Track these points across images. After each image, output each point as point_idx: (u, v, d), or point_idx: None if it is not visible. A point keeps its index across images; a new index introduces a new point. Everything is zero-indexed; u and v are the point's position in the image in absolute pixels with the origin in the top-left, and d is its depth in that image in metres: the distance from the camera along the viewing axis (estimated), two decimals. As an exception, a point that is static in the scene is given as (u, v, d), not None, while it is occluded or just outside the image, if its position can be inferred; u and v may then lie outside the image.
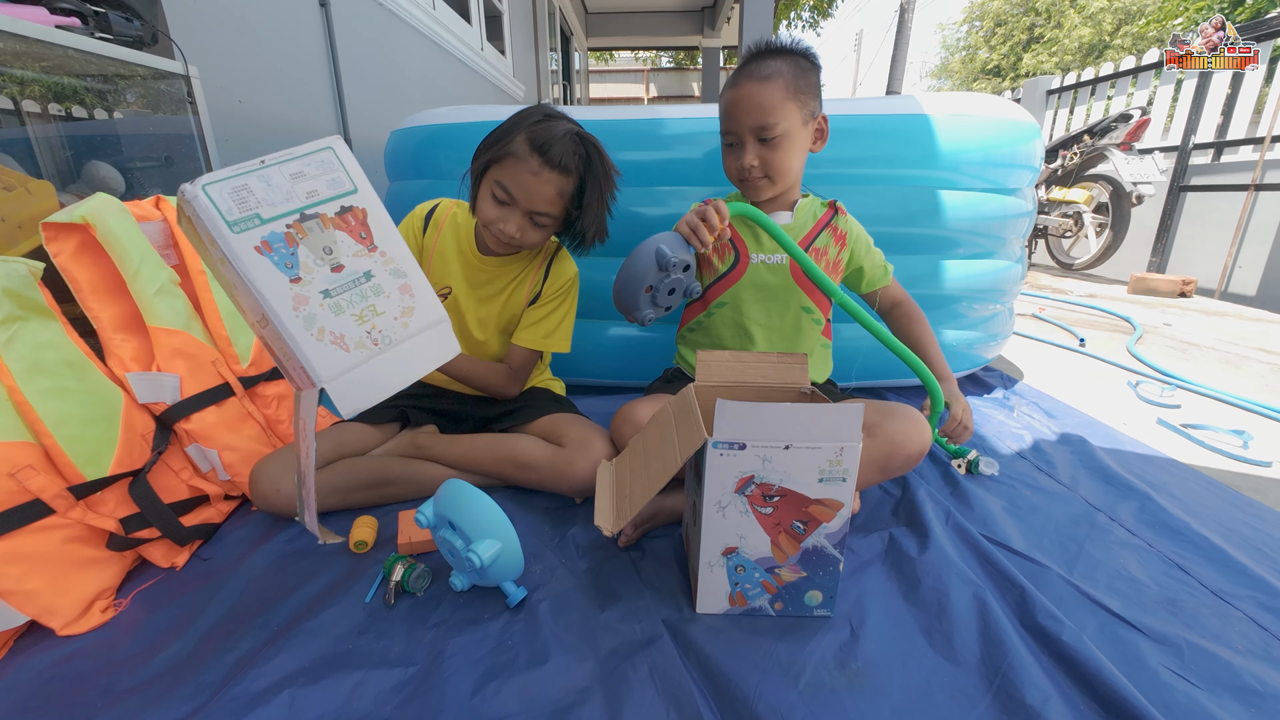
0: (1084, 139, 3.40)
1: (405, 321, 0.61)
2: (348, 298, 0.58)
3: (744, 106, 0.88)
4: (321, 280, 0.57)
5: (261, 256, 0.54)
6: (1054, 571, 0.75)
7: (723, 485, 0.62)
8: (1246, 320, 2.34)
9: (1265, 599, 0.71)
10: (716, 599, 0.67)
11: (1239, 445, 1.17)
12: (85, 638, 0.65)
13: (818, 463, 0.60)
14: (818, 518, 0.63)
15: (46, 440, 0.69)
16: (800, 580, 0.66)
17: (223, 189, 0.53)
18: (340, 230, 0.59)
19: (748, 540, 0.64)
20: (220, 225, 0.52)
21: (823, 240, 1.00)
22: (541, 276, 1.02)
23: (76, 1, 0.87)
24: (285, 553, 0.80)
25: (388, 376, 0.59)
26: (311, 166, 0.59)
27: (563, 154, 0.84)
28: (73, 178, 1.08)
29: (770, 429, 0.59)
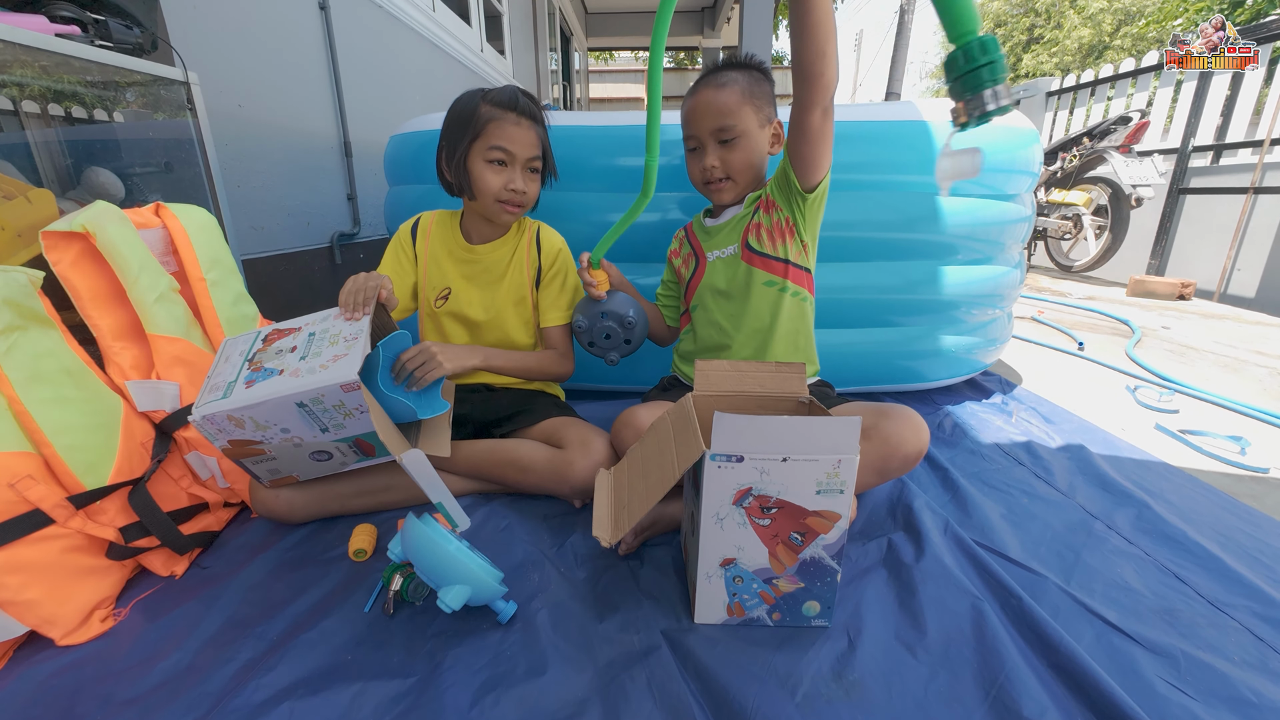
0: (1083, 141, 3.40)
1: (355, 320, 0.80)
2: (315, 349, 0.76)
3: (702, 110, 0.95)
4: (293, 359, 0.75)
5: (253, 387, 0.72)
6: (1051, 581, 0.75)
7: (720, 497, 0.62)
8: (1245, 323, 2.34)
9: (1261, 609, 0.71)
10: (714, 609, 0.67)
11: (1236, 451, 1.18)
12: (85, 647, 0.66)
13: (815, 475, 0.61)
14: (815, 529, 0.63)
15: (46, 449, 0.69)
16: (798, 591, 0.66)
17: (204, 397, 0.74)
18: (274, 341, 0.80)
19: (745, 551, 0.64)
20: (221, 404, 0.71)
21: (760, 216, 0.98)
22: (535, 254, 1.07)
23: (76, 9, 0.87)
24: (284, 560, 0.80)
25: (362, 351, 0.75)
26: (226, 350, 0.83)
27: (528, 105, 0.96)
28: (72, 184, 1.08)
29: (768, 442, 0.59)
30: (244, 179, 1.52)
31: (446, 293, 1.05)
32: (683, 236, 1.13)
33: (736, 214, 1.02)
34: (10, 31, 0.78)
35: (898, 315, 1.36)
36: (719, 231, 1.04)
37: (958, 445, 1.19)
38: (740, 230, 1.00)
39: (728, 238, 1.02)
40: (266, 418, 0.72)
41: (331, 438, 0.77)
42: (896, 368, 1.41)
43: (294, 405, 0.71)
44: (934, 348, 1.39)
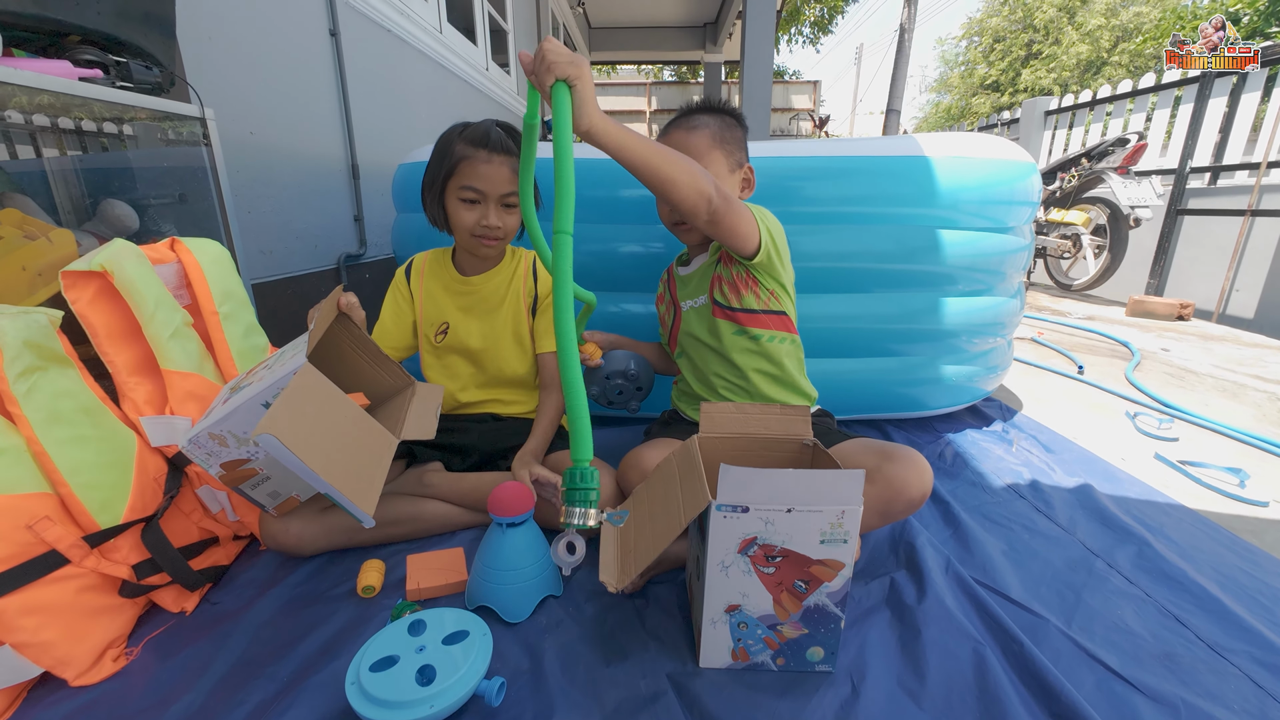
0: (1081, 162, 3.44)
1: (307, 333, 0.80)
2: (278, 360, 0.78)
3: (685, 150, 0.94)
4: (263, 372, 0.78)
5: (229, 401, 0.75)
6: (1052, 624, 0.76)
7: (726, 546, 0.63)
8: (1244, 345, 2.35)
9: (1261, 654, 0.71)
10: (719, 654, 0.68)
11: (1236, 484, 1.19)
12: (97, 688, 0.66)
13: (819, 525, 0.62)
14: (819, 577, 0.64)
15: (63, 489, 0.70)
16: (802, 637, 0.67)
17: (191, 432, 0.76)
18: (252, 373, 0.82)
19: (750, 598, 0.65)
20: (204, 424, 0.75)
21: (720, 268, 0.98)
22: (532, 284, 1.09)
23: (98, 52, 0.90)
24: (294, 596, 0.81)
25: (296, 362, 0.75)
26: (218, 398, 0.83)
27: (500, 139, 0.97)
28: (88, 215, 1.10)
29: (772, 493, 0.61)
30: (254, 204, 1.54)
31: (445, 327, 1.08)
32: (665, 280, 1.15)
33: (703, 263, 1.03)
34: (37, 78, 0.80)
35: (899, 344, 1.38)
36: (690, 281, 1.06)
37: (959, 476, 1.20)
38: (707, 281, 1.01)
39: (698, 288, 1.03)
40: (243, 428, 0.74)
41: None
42: (897, 395, 1.42)
43: (260, 406, 0.72)
44: (935, 376, 1.40)
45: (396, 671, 0.62)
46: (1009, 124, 5.19)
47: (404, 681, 0.60)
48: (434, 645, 0.65)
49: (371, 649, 0.64)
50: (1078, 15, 16.98)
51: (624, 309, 1.39)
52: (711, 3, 7.88)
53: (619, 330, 1.37)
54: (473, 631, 0.67)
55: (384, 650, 0.64)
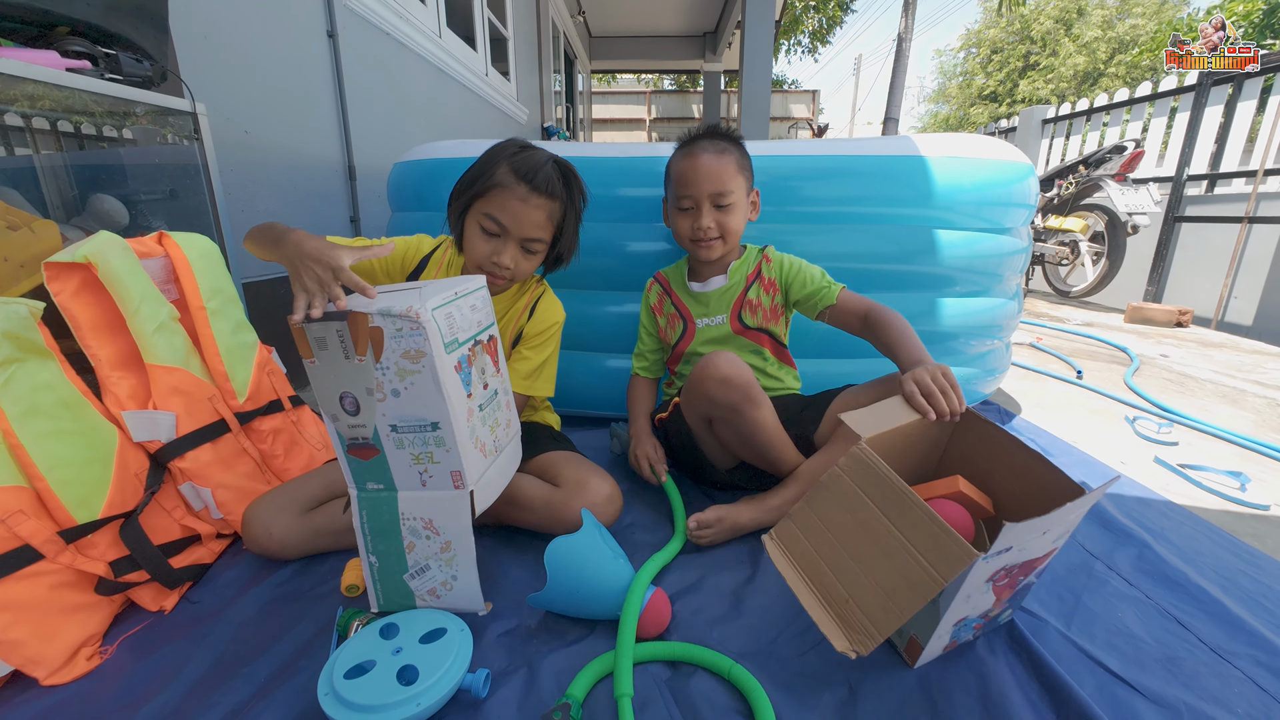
0: (1079, 169, 3.45)
1: (507, 433, 0.72)
2: (488, 412, 0.68)
3: (704, 174, 1.00)
4: (479, 397, 0.67)
5: (455, 374, 0.62)
6: (1051, 626, 0.74)
7: (977, 582, 0.58)
8: (1243, 352, 2.34)
9: (1264, 657, 0.70)
10: (934, 653, 0.67)
11: (1236, 488, 1.17)
12: (69, 687, 0.65)
13: (1055, 535, 0.63)
14: (1035, 565, 0.66)
15: (39, 483, 0.69)
16: (1000, 610, 0.69)
17: (442, 315, 0.61)
18: (487, 354, 0.70)
19: (975, 604, 0.63)
20: (437, 345, 0.59)
21: (754, 292, 1.09)
22: (526, 317, 1.01)
23: (87, 44, 0.89)
24: (275, 596, 0.79)
25: (498, 479, 0.69)
26: (479, 300, 0.70)
27: (549, 179, 0.89)
28: (77, 210, 1.09)
29: (1036, 530, 0.57)
30: (248, 204, 1.53)
31: None
32: (661, 293, 1.17)
33: (722, 285, 1.10)
34: (24, 68, 0.79)
35: (896, 346, 1.37)
36: (707, 300, 1.11)
37: (957, 478, 1.18)
38: (729, 302, 1.10)
39: (716, 307, 1.10)
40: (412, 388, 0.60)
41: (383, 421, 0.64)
42: None
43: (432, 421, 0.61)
44: (932, 378, 1.39)
45: (375, 675, 0.60)
46: (1007, 132, 5.21)
47: (385, 684, 0.58)
48: (411, 646, 0.63)
49: (342, 658, 0.62)
50: (1074, 27, 17.15)
51: (619, 310, 1.38)
52: (711, 12, 7.95)
53: (621, 329, 1.37)
54: (450, 628, 0.66)
55: (357, 657, 0.62)
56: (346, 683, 0.58)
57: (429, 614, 0.69)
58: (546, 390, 1.03)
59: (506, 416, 0.74)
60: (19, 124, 0.99)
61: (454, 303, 0.63)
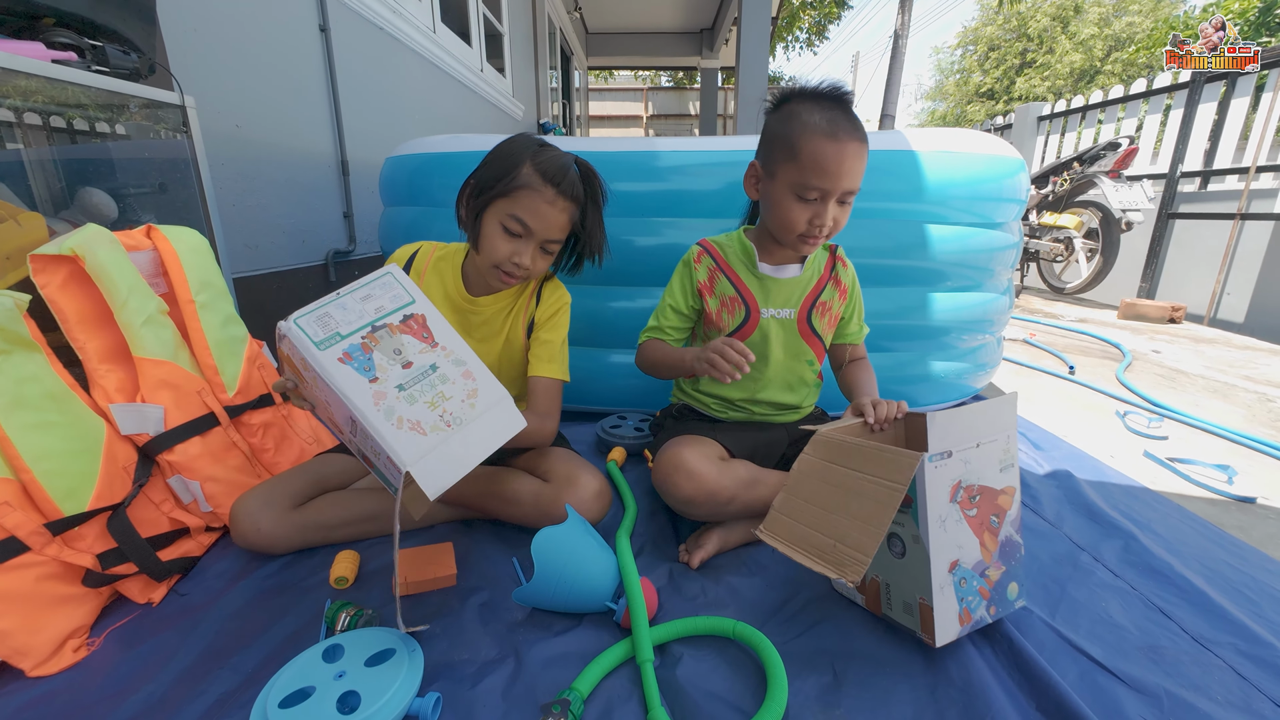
0: (1073, 166, 3.45)
1: (472, 403, 0.68)
2: (419, 388, 0.66)
3: (848, 168, 0.82)
4: (395, 377, 0.65)
5: (344, 365, 0.63)
6: (1036, 615, 0.75)
7: (940, 497, 0.64)
8: (1234, 348, 2.36)
9: (1246, 646, 0.70)
10: (950, 623, 0.65)
11: (1224, 480, 1.18)
12: (55, 679, 0.64)
13: (997, 454, 0.68)
14: (1004, 507, 0.69)
15: (25, 475, 0.69)
16: (1002, 576, 0.69)
17: (310, 319, 0.65)
18: (406, 334, 0.69)
19: (965, 549, 0.66)
20: (310, 347, 0.63)
21: (828, 293, 0.98)
22: (534, 306, 1.00)
23: (73, 36, 0.89)
24: (263, 589, 0.79)
25: (464, 453, 0.65)
26: (376, 289, 0.71)
27: (574, 182, 0.88)
28: (66, 204, 1.09)
29: (965, 433, 0.65)
30: (239, 198, 1.53)
31: None
32: (714, 269, 0.97)
33: (797, 274, 0.96)
34: (8, 59, 0.79)
35: (889, 340, 1.37)
36: (779, 289, 0.96)
37: (947, 472, 1.19)
38: (800, 297, 0.96)
39: (786, 299, 0.96)
40: (324, 390, 0.64)
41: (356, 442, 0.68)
42: (888, 392, 1.37)
43: (349, 414, 0.63)
44: (924, 373, 1.39)
45: (313, 703, 0.56)
46: (1003, 129, 5.22)
47: (323, 713, 0.54)
48: (355, 669, 0.60)
49: (280, 683, 0.58)
50: (1071, 24, 17.16)
51: (614, 304, 1.38)
52: (707, 9, 7.93)
53: (618, 324, 1.37)
54: (399, 649, 0.62)
55: (296, 683, 0.58)
56: (281, 712, 0.54)
57: (378, 634, 0.65)
58: (564, 373, 0.99)
59: (466, 388, 0.69)
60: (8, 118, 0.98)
61: (332, 303, 0.67)
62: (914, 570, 0.66)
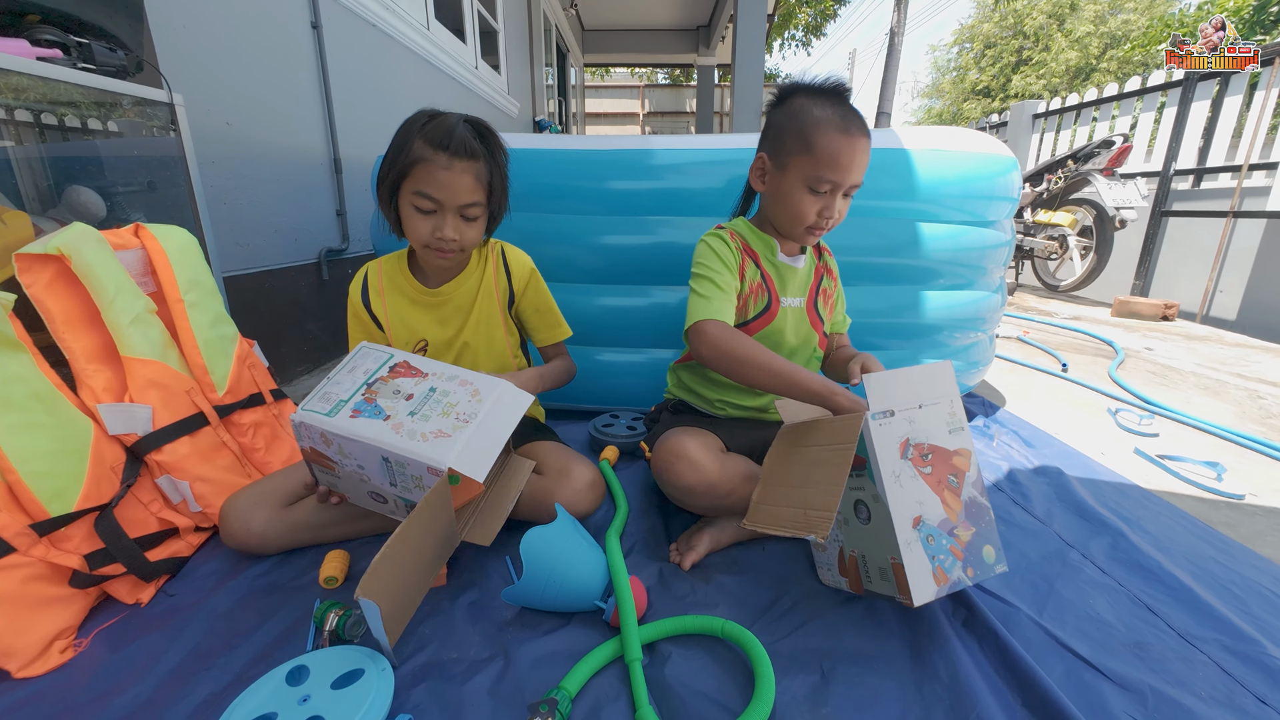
0: (1068, 164, 3.46)
1: (478, 400, 0.77)
2: (428, 409, 0.75)
3: (859, 163, 0.85)
4: (404, 409, 0.75)
5: (357, 419, 0.73)
6: (1024, 613, 0.75)
7: (890, 454, 0.68)
8: (1226, 345, 2.37)
9: (1231, 642, 0.71)
10: (925, 582, 0.66)
11: (1213, 478, 1.19)
12: (42, 680, 0.64)
13: (943, 416, 0.71)
14: (960, 468, 0.71)
15: (10, 475, 0.68)
16: (973, 538, 0.70)
17: (314, 402, 0.75)
18: (397, 378, 0.79)
19: (926, 505, 0.68)
20: (322, 419, 0.72)
21: (826, 281, 1.02)
22: (505, 278, 1.00)
23: (58, 33, 0.88)
24: (252, 589, 0.79)
25: (491, 437, 0.74)
26: (358, 360, 0.81)
27: (465, 140, 0.84)
28: (53, 202, 1.08)
29: (904, 393, 0.70)
30: (230, 196, 1.52)
31: (424, 344, 0.98)
32: (743, 254, 0.95)
33: (807, 264, 1.00)
34: (-10, 56, 0.78)
35: (882, 338, 1.37)
36: (794, 277, 0.97)
37: (938, 470, 1.19)
38: (807, 286, 0.99)
39: (799, 288, 0.98)
40: (352, 451, 0.73)
41: (397, 493, 0.76)
42: None
43: (379, 456, 0.71)
44: (916, 371, 1.39)
45: None
46: (998, 127, 5.23)
47: None
48: (321, 693, 0.58)
49: (238, 710, 0.56)
50: (1067, 22, 17.19)
51: (608, 303, 1.38)
52: (704, 6, 7.91)
53: (611, 323, 1.37)
54: (368, 669, 0.60)
55: (257, 709, 0.56)
56: None
57: (345, 653, 0.63)
58: (567, 330, 1.07)
59: (470, 389, 0.78)
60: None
61: (327, 384, 0.77)
62: (881, 532, 0.69)
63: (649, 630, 0.69)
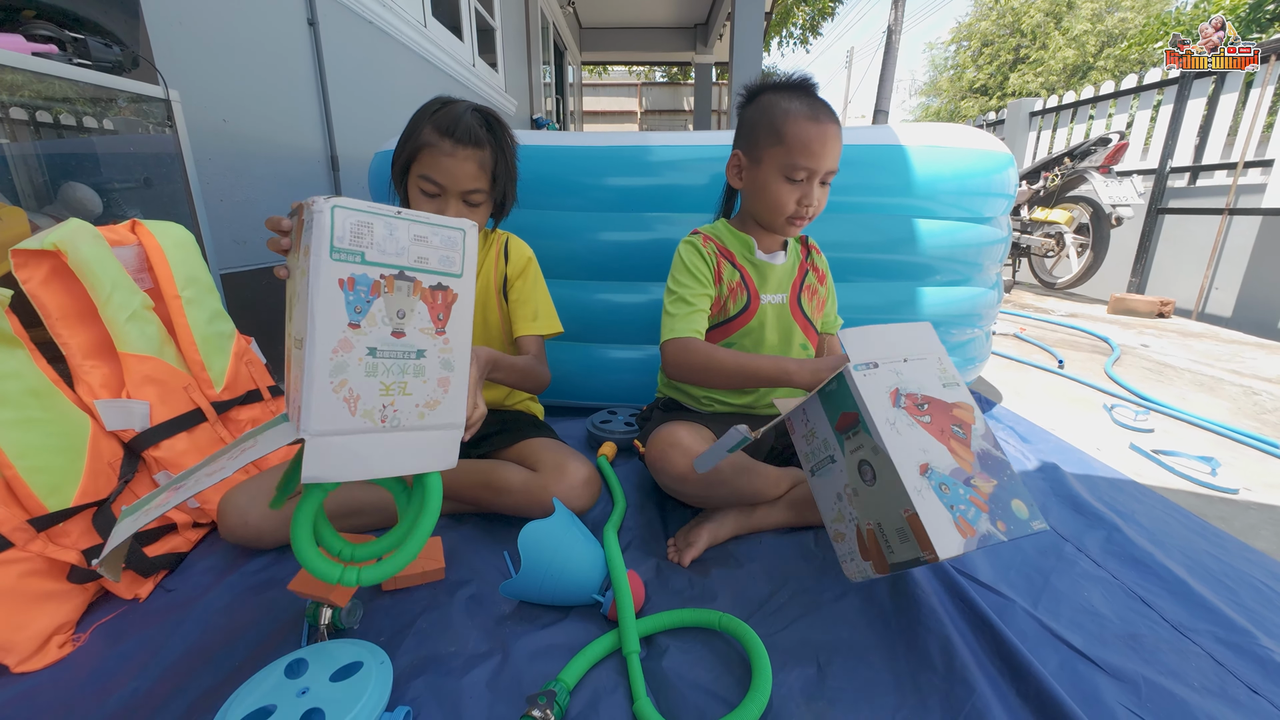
0: (1064, 161, 3.47)
1: (424, 413, 0.58)
2: (388, 364, 0.56)
3: (831, 149, 0.87)
4: (376, 338, 0.55)
5: (339, 290, 0.52)
6: (1019, 605, 0.76)
7: (881, 401, 0.66)
8: (1221, 341, 2.38)
9: (1223, 633, 0.71)
10: (948, 533, 0.60)
11: (1207, 472, 1.19)
12: (40, 675, 0.64)
13: (934, 371, 0.70)
14: (965, 420, 0.69)
15: (7, 471, 0.68)
16: (996, 490, 0.65)
17: (348, 217, 0.52)
18: (424, 302, 0.58)
19: (930, 453, 0.65)
20: (324, 245, 0.51)
21: (810, 278, 1.03)
22: (503, 264, 1.04)
23: (54, 28, 0.88)
24: (251, 585, 0.79)
25: (374, 459, 0.56)
26: (437, 237, 0.59)
27: (470, 128, 0.88)
28: (49, 198, 1.08)
29: (886, 347, 0.69)
30: (227, 193, 1.51)
31: None
32: (718, 255, 0.97)
33: (787, 261, 1.01)
34: (-15, 51, 0.78)
35: (877, 334, 1.38)
36: (773, 275, 0.99)
37: (934, 465, 1.20)
38: (789, 282, 1.01)
39: (779, 284, 1.00)
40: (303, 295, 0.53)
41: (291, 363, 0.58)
42: None
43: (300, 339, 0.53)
44: (913, 367, 1.40)
45: None
46: (995, 125, 5.23)
47: None
48: (320, 685, 0.57)
49: (237, 703, 0.55)
50: (1064, 20, 17.21)
51: (605, 299, 1.38)
52: (702, 4, 7.91)
53: (608, 319, 1.37)
54: (367, 661, 0.60)
55: (256, 702, 0.55)
56: None
57: (344, 646, 0.63)
58: (554, 326, 1.05)
59: (430, 395, 0.59)
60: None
61: (383, 217, 0.54)
62: (888, 486, 0.63)
63: (647, 623, 0.70)
